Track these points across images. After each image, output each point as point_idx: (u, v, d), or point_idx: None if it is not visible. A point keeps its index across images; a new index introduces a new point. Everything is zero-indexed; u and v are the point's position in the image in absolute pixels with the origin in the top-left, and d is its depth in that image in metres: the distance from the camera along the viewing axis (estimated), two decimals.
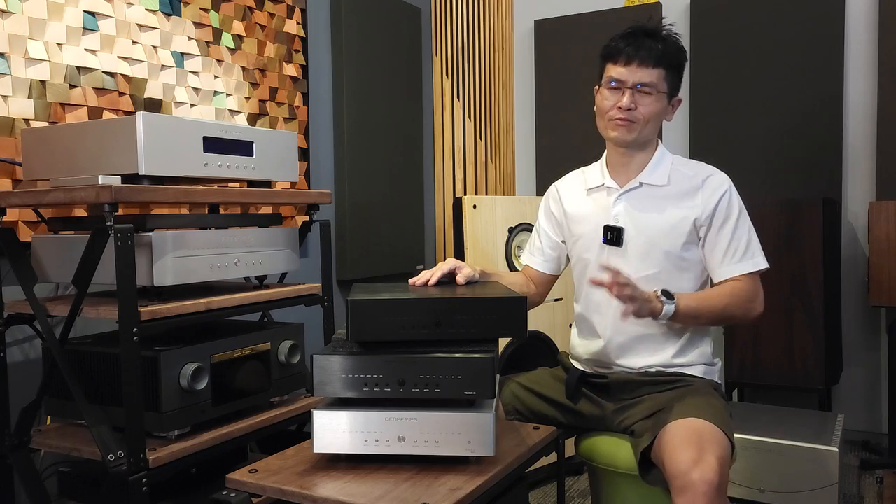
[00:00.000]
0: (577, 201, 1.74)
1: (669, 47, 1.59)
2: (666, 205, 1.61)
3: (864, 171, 3.01)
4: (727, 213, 1.59)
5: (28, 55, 1.71)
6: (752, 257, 1.59)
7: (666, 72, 1.58)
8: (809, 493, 2.25)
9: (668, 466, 1.32)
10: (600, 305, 1.65)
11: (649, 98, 1.58)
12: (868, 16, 2.99)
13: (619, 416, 1.59)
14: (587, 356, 1.70)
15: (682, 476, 1.28)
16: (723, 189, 1.60)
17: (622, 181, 1.66)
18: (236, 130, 1.63)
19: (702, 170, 1.64)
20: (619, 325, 1.62)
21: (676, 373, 1.60)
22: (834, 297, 2.84)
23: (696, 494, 1.26)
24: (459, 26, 3.34)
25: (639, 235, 1.61)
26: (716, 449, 1.32)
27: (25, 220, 1.71)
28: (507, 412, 1.69)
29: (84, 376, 1.51)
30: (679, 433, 1.37)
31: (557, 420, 1.67)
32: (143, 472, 1.36)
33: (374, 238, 2.91)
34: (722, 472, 1.29)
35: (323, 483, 1.21)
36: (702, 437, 1.34)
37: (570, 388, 1.66)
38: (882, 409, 3.01)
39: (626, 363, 1.62)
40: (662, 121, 1.65)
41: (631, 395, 1.60)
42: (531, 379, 1.75)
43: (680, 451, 1.32)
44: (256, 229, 1.71)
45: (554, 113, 3.63)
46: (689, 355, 1.61)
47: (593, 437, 1.66)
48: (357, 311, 1.26)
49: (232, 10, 2.28)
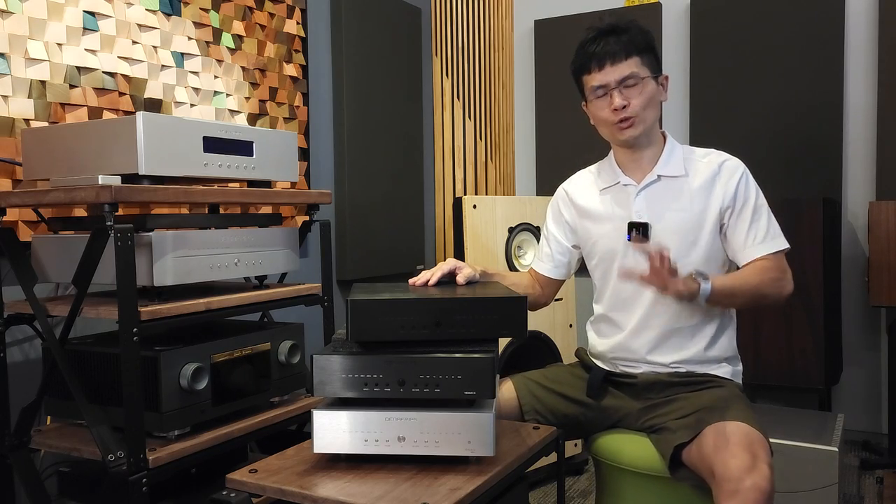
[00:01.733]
0: (592, 202, 1.72)
1: (632, 34, 1.59)
2: (688, 195, 1.60)
3: (864, 171, 3.01)
4: (746, 196, 1.59)
5: (28, 55, 1.71)
6: (775, 237, 1.59)
7: (639, 58, 1.58)
8: (809, 493, 2.25)
9: (720, 469, 1.30)
10: (627, 301, 1.64)
11: (636, 89, 1.57)
12: (868, 16, 2.99)
13: (645, 414, 1.58)
14: (612, 355, 1.67)
15: (735, 481, 1.26)
16: (739, 173, 1.60)
17: (638, 177, 1.65)
18: (236, 130, 1.63)
19: (715, 156, 1.64)
20: (648, 320, 1.61)
21: (706, 374, 1.59)
22: (834, 297, 2.84)
23: (746, 501, 1.24)
24: (459, 26, 3.34)
25: (663, 229, 1.60)
26: (766, 457, 1.31)
27: (25, 220, 1.71)
28: (525, 412, 1.66)
29: (84, 376, 1.51)
30: (731, 435, 1.34)
31: (578, 419, 1.65)
32: (143, 472, 1.36)
33: (374, 238, 2.91)
34: (772, 480, 1.28)
35: (323, 483, 1.21)
36: (753, 443, 1.33)
37: (593, 387, 1.65)
38: (882, 409, 3.01)
39: (656, 359, 1.61)
40: (660, 104, 1.64)
41: (660, 395, 1.59)
42: (549, 378, 1.72)
43: (733, 455, 1.30)
44: (256, 229, 1.71)
45: (554, 113, 3.63)
46: (716, 349, 1.60)
47: (608, 434, 1.64)
48: (357, 311, 1.26)
49: (232, 10, 2.28)
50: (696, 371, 1.60)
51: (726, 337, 1.63)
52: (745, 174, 1.61)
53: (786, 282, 1.57)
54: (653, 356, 1.61)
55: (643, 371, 1.63)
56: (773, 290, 1.55)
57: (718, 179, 1.60)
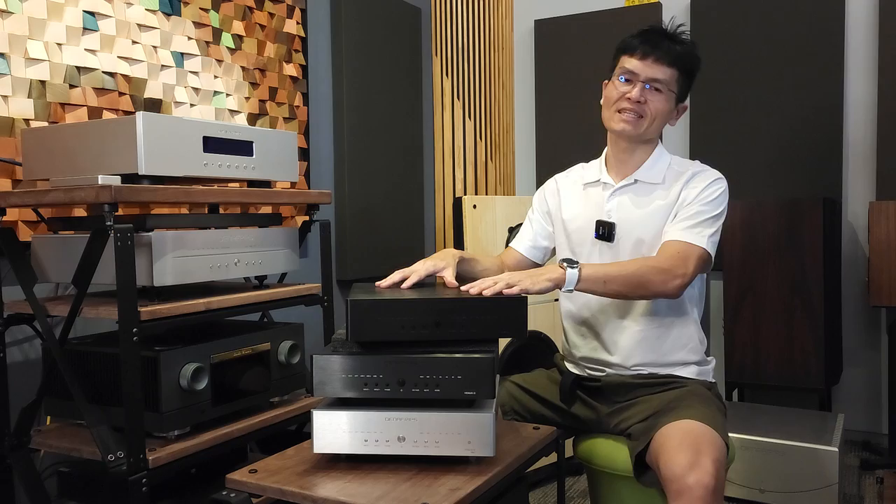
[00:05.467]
0: (573, 196, 1.74)
1: (686, 51, 1.60)
2: (657, 202, 1.61)
3: (864, 171, 3.01)
4: (699, 198, 1.57)
5: (28, 55, 1.71)
6: (700, 233, 1.53)
7: (679, 74, 1.59)
8: (809, 493, 2.25)
9: (664, 470, 1.31)
10: (590, 302, 1.65)
11: (660, 96, 1.58)
12: (868, 16, 2.99)
13: (614, 418, 1.59)
14: (580, 356, 1.69)
15: (678, 480, 1.27)
16: (706, 181, 1.58)
17: (618, 178, 1.66)
18: (236, 130, 1.63)
19: (695, 167, 1.64)
20: (610, 323, 1.62)
21: (669, 374, 1.60)
22: (834, 297, 2.84)
23: (692, 498, 1.25)
24: (459, 26, 3.34)
25: (630, 231, 1.61)
26: (711, 451, 1.31)
27: (25, 220, 1.71)
28: (504, 412, 1.69)
29: (84, 376, 1.51)
30: (674, 436, 1.36)
31: (555, 421, 1.67)
32: (143, 472, 1.36)
33: (374, 238, 2.91)
34: (718, 475, 1.29)
35: (323, 483, 1.21)
36: (697, 440, 1.34)
37: (564, 392, 1.66)
38: (882, 409, 3.01)
39: (619, 360, 1.61)
40: (665, 123, 1.65)
41: (625, 398, 1.60)
42: (528, 380, 1.75)
43: (675, 454, 1.31)
44: (256, 229, 1.71)
45: (554, 113, 3.63)
46: (679, 350, 1.60)
47: (591, 438, 1.66)
48: (357, 311, 1.26)
49: (232, 10, 2.28)
50: (659, 373, 1.60)
51: (689, 339, 1.62)
52: (714, 183, 1.58)
53: (677, 276, 1.48)
54: (616, 358, 1.62)
55: (608, 374, 1.64)
56: (657, 279, 1.47)
57: (686, 186, 1.59)
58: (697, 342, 1.63)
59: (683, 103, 1.65)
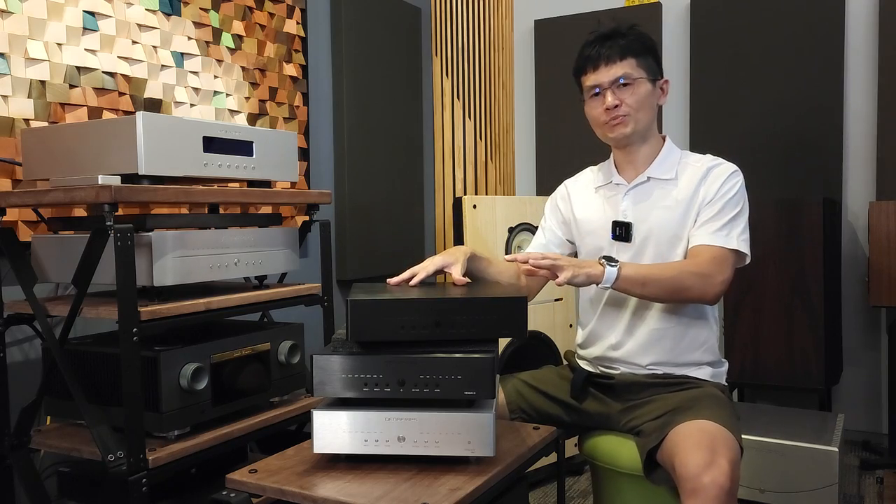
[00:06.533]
0: (586, 200, 1.74)
1: (630, 38, 1.61)
2: (673, 197, 1.61)
3: (864, 171, 3.01)
4: (723, 194, 1.58)
5: (28, 55, 1.71)
6: (731, 236, 1.55)
7: (635, 60, 1.60)
8: (809, 493, 2.25)
9: (679, 468, 1.31)
10: (610, 301, 1.65)
11: (629, 89, 1.59)
12: (868, 16, 2.99)
13: (625, 416, 1.59)
14: (594, 355, 1.69)
15: (694, 479, 1.27)
16: (725, 175, 1.60)
17: (630, 177, 1.67)
18: (236, 130, 1.63)
19: (707, 160, 1.64)
20: (630, 321, 1.62)
21: (684, 375, 1.60)
22: (834, 297, 2.84)
23: (707, 498, 1.25)
24: (459, 26, 3.34)
25: (647, 229, 1.61)
26: (727, 452, 1.31)
27: (25, 220, 1.71)
28: (511, 410, 1.69)
29: (84, 376, 1.51)
30: (690, 435, 1.36)
31: (562, 419, 1.67)
32: (143, 472, 1.36)
33: (374, 238, 2.91)
34: (733, 475, 1.29)
35: (323, 483, 1.21)
36: (713, 440, 1.34)
37: (576, 388, 1.66)
38: (882, 409, 3.01)
39: (634, 360, 1.62)
40: (655, 107, 1.65)
41: (638, 396, 1.60)
42: (536, 377, 1.75)
43: (691, 453, 1.31)
44: (256, 229, 1.71)
45: (554, 113, 3.63)
46: (695, 352, 1.60)
47: (597, 436, 1.65)
48: (357, 311, 1.26)
49: (232, 10, 2.28)
50: (674, 373, 1.60)
51: (706, 340, 1.62)
52: (732, 177, 1.60)
53: (715, 280, 1.50)
54: (631, 357, 1.62)
55: (621, 372, 1.64)
56: (696, 284, 1.49)
57: (704, 182, 1.60)
58: (714, 343, 1.64)
59: (663, 79, 1.65)
